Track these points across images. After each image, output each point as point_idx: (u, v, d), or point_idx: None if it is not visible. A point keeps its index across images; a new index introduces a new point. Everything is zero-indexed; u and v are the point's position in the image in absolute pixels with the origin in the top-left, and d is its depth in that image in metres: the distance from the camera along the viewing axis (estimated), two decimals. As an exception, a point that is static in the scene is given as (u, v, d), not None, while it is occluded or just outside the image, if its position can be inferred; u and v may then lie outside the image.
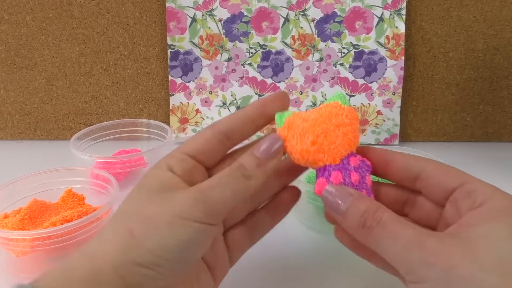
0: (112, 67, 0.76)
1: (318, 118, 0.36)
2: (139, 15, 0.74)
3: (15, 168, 0.69)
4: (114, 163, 0.62)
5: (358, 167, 0.36)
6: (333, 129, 0.36)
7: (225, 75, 0.76)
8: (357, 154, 0.37)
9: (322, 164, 0.36)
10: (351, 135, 0.36)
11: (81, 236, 0.46)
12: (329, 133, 0.35)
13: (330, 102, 0.37)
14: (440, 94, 0.77)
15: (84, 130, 0.68)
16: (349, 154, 0.36)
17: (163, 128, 0.70)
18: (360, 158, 0.37)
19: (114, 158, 0.63)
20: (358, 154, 0.37)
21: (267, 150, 0.35)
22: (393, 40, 0.73)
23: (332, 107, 0.37)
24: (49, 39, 0.74)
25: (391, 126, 0.77)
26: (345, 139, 0.36)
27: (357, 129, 0.37)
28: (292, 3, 0.73)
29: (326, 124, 0.36)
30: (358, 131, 0.38)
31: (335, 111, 0.36)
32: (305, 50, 0.75)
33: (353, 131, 0.37)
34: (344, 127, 0.36)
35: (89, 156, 0.61)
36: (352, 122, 0.37)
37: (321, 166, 0.36)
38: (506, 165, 0.71)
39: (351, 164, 0.36)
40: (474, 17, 0.72)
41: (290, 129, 0.36)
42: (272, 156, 0.35)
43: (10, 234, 0.44)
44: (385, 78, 0.75)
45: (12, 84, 0.76)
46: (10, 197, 0.52)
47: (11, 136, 0.80)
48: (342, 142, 0.36)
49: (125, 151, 0.68)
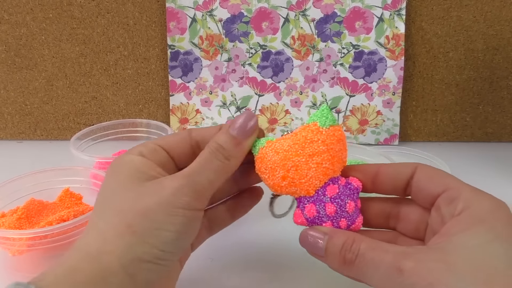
0: (112, 67, 0.77)
1: (290, 149, 0.35)
2: (139, 15, 0.74)
3: (15, 168, 0.68)
4: None
5: (335, 196, 0.35)
6: (305, 161, 0.35)
7: (225, 75, 0.76)
8: (339, 178, 0.36)
9: (297, 196, 0.36)
10: (328, 163, 0.35)
11: (77, 235, 0.46)
12: (300, 166, 0.35)
13: (309, 124, 0.36)
14: (440, 94, 0.76)
15: (84, 130, 0.68)
16: (326, 183, 0.35)
17: (163, 128, 0.70)
18: (343, 182, 0.36)
19: (114, 158, 0.63)
20: (341, 178, 0.36)
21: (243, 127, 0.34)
22: (393, 40, 0.73)
23: (308, 132, 0.35)
24: (49, 39, 0.75)
25: (391, 126, 0.77)
26: (319, 170, 0.35)
27: (339, 151, 0.36)
28: (292, 3, 0.73)
29: (298, 156, 0.35)
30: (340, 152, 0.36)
31: (311, 137, 0.35)
32: (305, 50, 0.75)
33: (330, 158, 0.35)
34: (318, 156, 0.35)
35: (89, 156, 0.61)
36: (330, 149, 0.35)
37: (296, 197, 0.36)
38: (506, 165, 0.70)
39: (327, 195, 0.35)
40: (474, 17, 0.72)
41: (263, 162, 0.36)
42: (248, 134, 0.35)
43: (7, 233, 0.45)
44: (385, 78, 0.75)
45: (12, 84, 0.77)
46: (7, 196, 0.52)
47: (11, 136, 0.80)
48: (315, 173, 0.35)
49: (125, 151, 0.68)
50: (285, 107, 0.77)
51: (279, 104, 0.77)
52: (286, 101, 0.77)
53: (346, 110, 0.76)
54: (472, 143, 0.79)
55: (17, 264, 0.48)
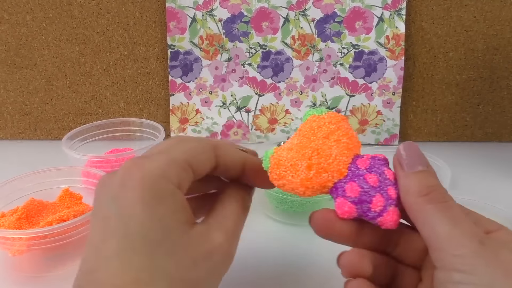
0: (112, 67, 0.77)
1: (302, 140, 0.33)
2: (139, 15, 0.74)
3: (15, 168, 0.68)
4: (106, 162, 0.62)
5: (370, 166, 0.32)
6: (322, 143, 0.32)
7: (225, 75, 0.76)
8: (363, 155, 0.33)
9: (331, 184, 0.32)
10: (345, 138, 0.33)
11: (77, 235, 0.46)
12: (321, 148, 0.32)
13: (307, 119, 0.34)
14: (440, 94, 0.76)
15: (77, 129, 0.68)
16: (353, 159, 0.33)
17: (155, 127, 0.70)
18: (369, 156, 0.33)
19: (105, 156, 0.63)
20: (365, 154, 0.33)
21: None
22: (393, 40, 0.73)
23: (311, 123, 0.34)
24: (49, 39, 0.75)
25: (391, 126, 0.77)
26: (341, 146, 0.32)
27: (349, 129, 0.34)
28: (292, 3, 0.73)
29: (313, 142, 0.33)
30: (351, 130, 0.34)
31: (316, 124, 0.33)
32: (305, 50, 0.75)
33: (345, 133, 0.33)
34: (333, 134, 0.33)
35: (80, 155, 0.61)
36: (339, 126, 0.33)
37: (331, 186, 0.32)
38: (506, 165, 0.70)
39: (362, 168, 0.32)
40: (474, 17, 0.72)
41: (279, 165, 0.33)
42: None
43: (7, 233, 0.45)
44: (385, 78, 0.75)
45: (12, 84, 0.77)
46: (7, 196, 0.52)
47: (11, 136, 0.80)
48: (339, 150, 0.32)
49: (118, 150, 0.69)
50: (285, 107, 0.77)
51: (279, 104, 0.77)
52: (286, 101, 0.77)
53: (346, 110, 0.76)
54: (472, 143, 0.79)
55: (17, 264, 0.48)
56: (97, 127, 0.71)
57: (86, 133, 0.69)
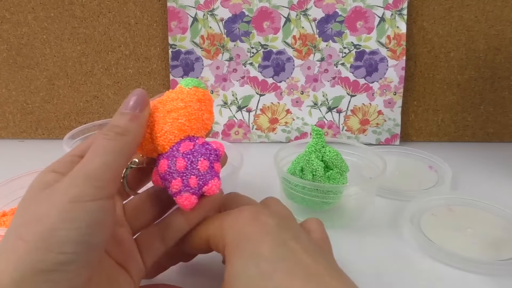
0: (114, 67, 0.77)
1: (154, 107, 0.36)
2: (141, 14, 0.74)
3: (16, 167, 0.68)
4: None
5: (188, 152, 0.35)
6: (162, 116, 0.35)
7: (226, 74, 0.76)
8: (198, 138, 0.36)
9: (156, 154, 0.36)
10: (184, 119, 0.35)
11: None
12: (158, 121, 0.35)
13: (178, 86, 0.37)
14: (441, 94, 0.76)
15: (78, 128, 0.68)
16: (182, 140, 0.35)
17: None
18: (201, 142, 0.36)
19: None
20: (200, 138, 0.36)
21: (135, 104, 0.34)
22: (394, 40, 0.73)
23: (172, 92, 0.37)
24: (51, 38, 0.75)
25: (392, 126, 0.77)
26: (175, 124, 0.35)
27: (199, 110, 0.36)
28: (293, 3, 0.73)
29: (158, 112, 0.36)
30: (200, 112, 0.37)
31: (172, 96, 0.36)
32: (306, 50, 0.75)
33: (188, 114, 0.36)
34: (175, 112, 0.35)
35: None
36: (188, 105, 0.36)
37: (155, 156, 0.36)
38: (507, 165, 0.70)
39: (180, 151, 0.35)
40: (475, 17, 0.72)
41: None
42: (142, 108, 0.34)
43: (8, 232, 0.45)
44: (386, 78, 0.75)
45: (13, 83, 0.77)
46: (8, 195, 0.53)
47: (12, 135, 0.80)
48: (170, 128, 0.35)
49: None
50: (286, 106, 0.77)
51: (280, 103, 0.77)
52: (287, 100, 0.77)
53: (347, 110, 0.76)
54: (473, 143, 0.79)
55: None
56: (99, 126, 0.71)
57: (87, 133, 0.69)
